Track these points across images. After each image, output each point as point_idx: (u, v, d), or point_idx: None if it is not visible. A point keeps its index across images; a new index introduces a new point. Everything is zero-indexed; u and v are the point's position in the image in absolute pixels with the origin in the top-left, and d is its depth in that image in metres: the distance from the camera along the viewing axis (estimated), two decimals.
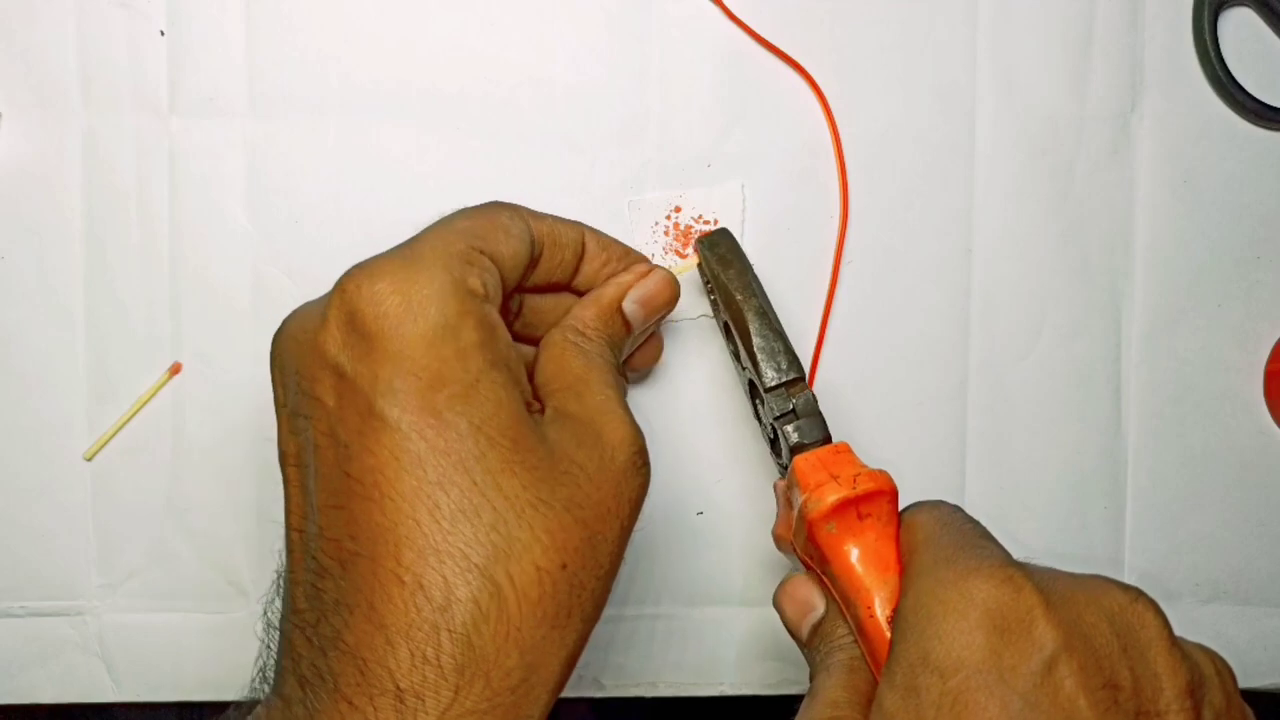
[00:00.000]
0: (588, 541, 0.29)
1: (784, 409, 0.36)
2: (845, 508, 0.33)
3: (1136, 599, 0.28)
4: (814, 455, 0.35)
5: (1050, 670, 0.26)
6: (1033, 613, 0.27)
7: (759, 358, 0.36)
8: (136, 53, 0.41)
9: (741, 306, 0.37)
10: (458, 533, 0.27)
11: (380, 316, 0.29)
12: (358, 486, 0.28)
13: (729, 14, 0.42)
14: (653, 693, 0.43)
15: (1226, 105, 0.43)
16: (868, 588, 0.32)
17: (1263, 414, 0.43)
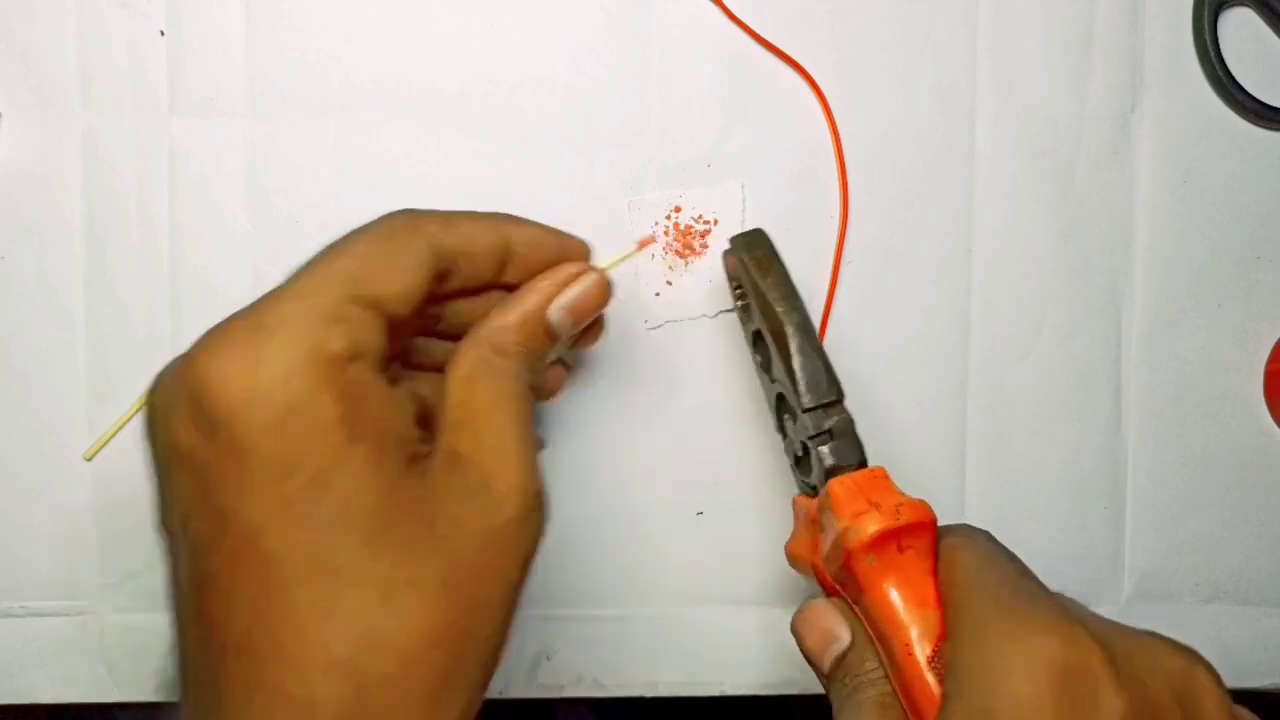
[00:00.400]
0: (467, 613, 0.27)
1: (819, 429, 0.35)
2: (886, 539, 0.31)
3: (1195, 663, 0.28)
4: (851, 480, 0.33)
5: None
6: (1100, 675, 0.26)
7: (799, 376, 0.35)
8: (136, 53, 0.41)
9: (783, 320, 0.35)
10: (318, 629, 0.25)
11: (228, 405, 0.26)
12: (213, 585, 0.26)
13: (729, 14, 0.42)
14: (653, 692, 0.43)
15: (1226, 105, 0.43)
16: (906, 624, 0.31)
17: (1263, 414, 0.43)
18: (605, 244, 0.42)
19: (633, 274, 0.42)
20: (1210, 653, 0.43)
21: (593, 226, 0.42)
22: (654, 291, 0.42)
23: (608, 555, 0.42)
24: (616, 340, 0.42)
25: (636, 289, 0.42)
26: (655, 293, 0.42)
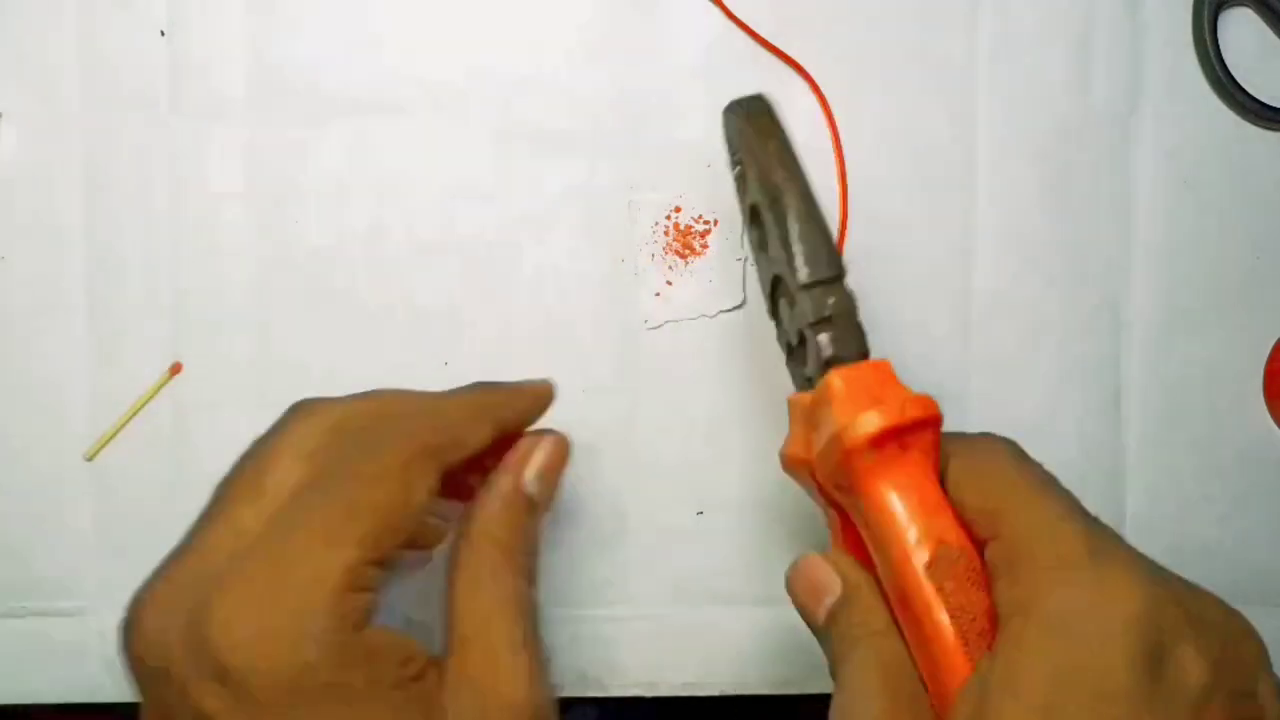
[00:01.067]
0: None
1: (819, 314, 0.31)
2: (888, 437, 0.29)
3: (1249, 630, 0.28)
4: (852, 372, 0.30)
5: (1205, 702, 0.25)
6: (1183, 639, 0.26)
7: (795, 248, 0.31)
8: (136, 53, 0.41)
9: (782, 188, 0.31)
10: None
11: (252, 672, 0.26)
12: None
13: (729, 14, 0.42)
14: (653, 692, 0.43)
15: (1227, 105, 0.43)
16: (905, 530, 0.28)
17: (1263, 414, 0.43)
18: (605, 244, 0.42)
19: (633, 274, 0.42)
20: None
21: (593, 227, 0.42)
22: (654, 291, 0.42)
23: (608, 555, 0.42)
24: (617, 340, 0.42)
25: (636, 289, 0.42)
26: (655, 292, 0.42)
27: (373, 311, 0.42)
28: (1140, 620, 0.26)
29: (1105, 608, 0.26)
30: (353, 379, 0.42)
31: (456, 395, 0.34)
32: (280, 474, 0.30)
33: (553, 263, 0.42)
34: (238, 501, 0.30)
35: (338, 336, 0.42)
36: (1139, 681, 0.25)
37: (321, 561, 0.27)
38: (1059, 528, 0.28)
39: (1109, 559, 0.27)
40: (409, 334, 0.42)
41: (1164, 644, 0.26)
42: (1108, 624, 0.26)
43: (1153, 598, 0.26)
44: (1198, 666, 0.26)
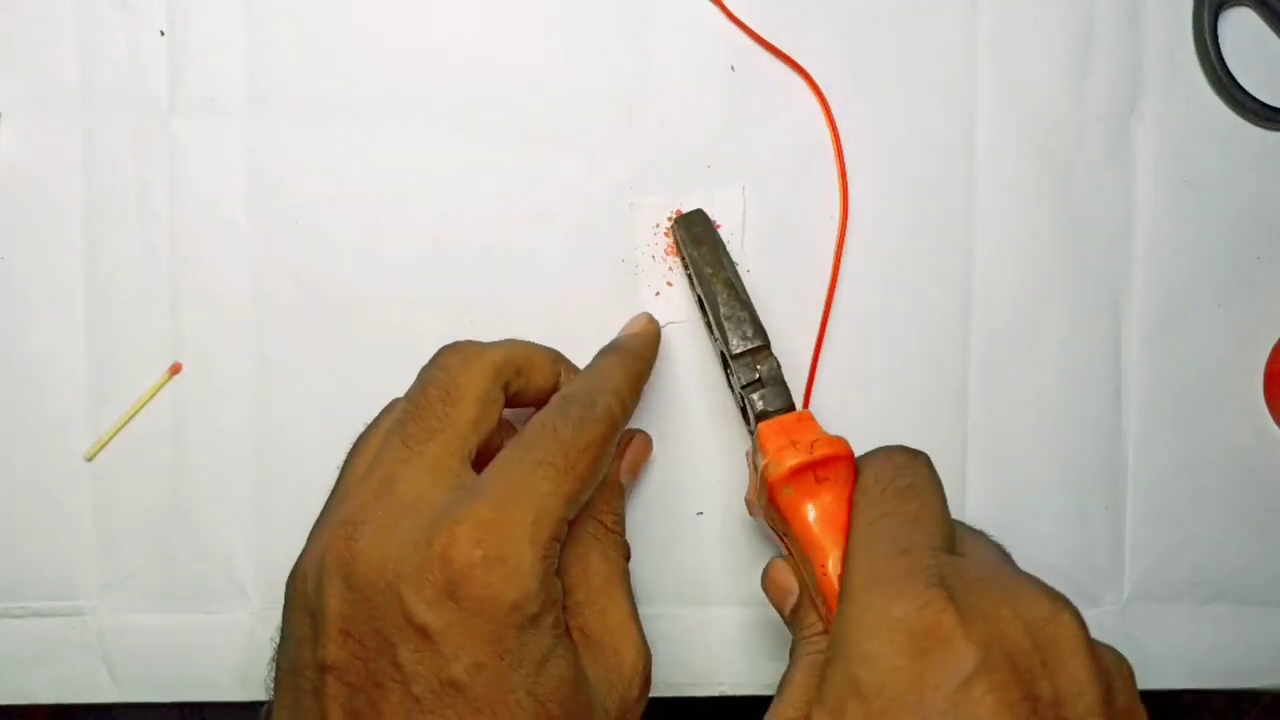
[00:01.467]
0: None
1: (750, 378, 0.38)
2: (803, 472, 0.34)
3: (1060, 610, 0.29)
4: (776, 422, 0.36)
5: (969, 687, 0.27)
6: (952, 632, 0.28)
7: (725, 326, 0.38)
8: (136, 53, 0.41)
9: (710, 279, 0.39)
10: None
11: (477, 588, 0.30)
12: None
13: (729, 14, 0.42)
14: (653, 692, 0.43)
15: (1226, 105, 0.43)
16: (822, 548, 0.33)
17: (1263, 414, 0.43)
18: (606, 244, 0.42)
19: (633, 275, 0.42)
20: (1210, 653, 0.43)
21: (593, 227, 0.42)
22: (654, 291, 0.42)
23: None
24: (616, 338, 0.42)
25: (637, 290, 0.42)
26: (655, 292, 0.42)
27: (372, 311, 0.42)
28: (909, 623, 0.28)
29: (881, 618, 0.29)
30: (352, 378, 0.42)
31: (615, 368, 0.37)
32: (463, 418, 0.34)
33: (553, 263, 0.42)
34: (433, 441, 0.33)
35: (337, 336, 0.42)
36: (909, 676, 0.28)
37: (544, 509, 0.32)
38: (858, 561, 0.31)
39: (893, 571, 0.30)
40: (409, 333, 0.42)
41: (934, 641, 0.28)
42: (884, 631, 0.29)
43: (920, 600, 0.28)
44: (968, 654, 0.27)
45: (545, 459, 0.32)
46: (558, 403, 0.34)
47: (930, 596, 0.28)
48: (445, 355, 0.36)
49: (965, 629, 0.28)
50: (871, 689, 0.28)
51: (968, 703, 0.27)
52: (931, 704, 0.27)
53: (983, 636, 0.28)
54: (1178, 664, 0.43)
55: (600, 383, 0.36)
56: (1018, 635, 0.28)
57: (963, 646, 0.27)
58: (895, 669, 0.28)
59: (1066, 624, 0.29)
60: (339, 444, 0.36)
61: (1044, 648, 0.28)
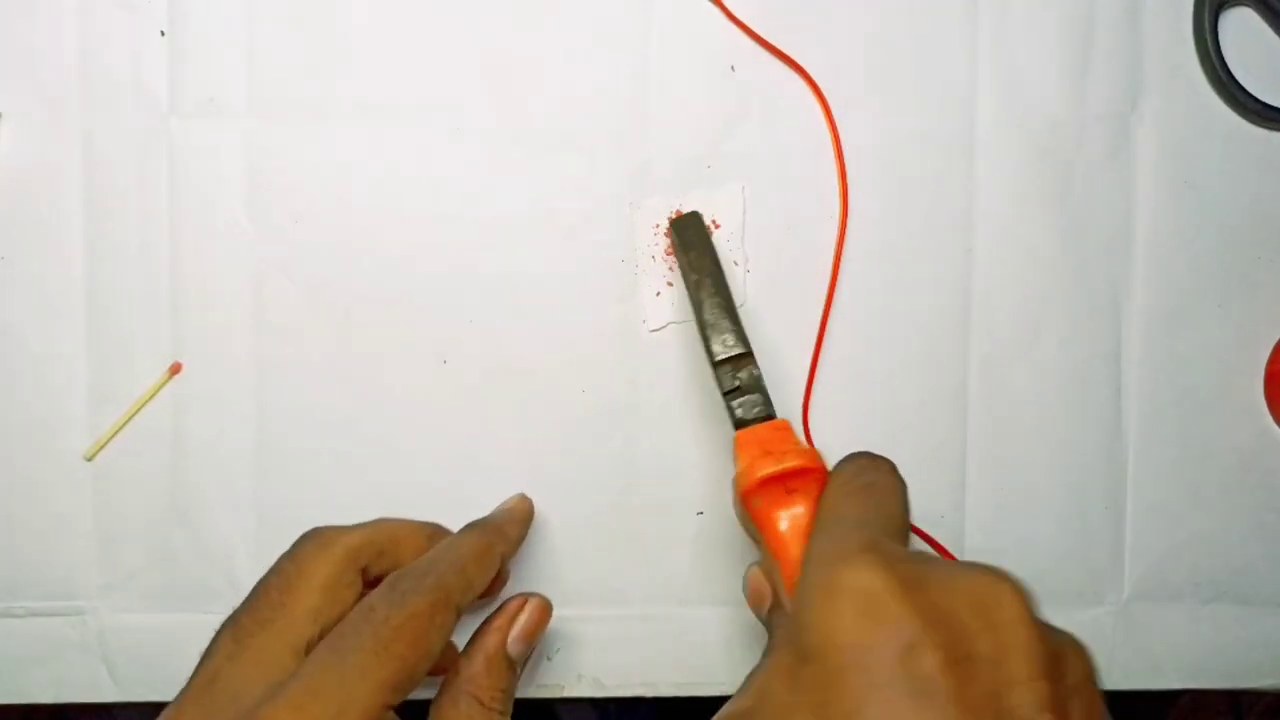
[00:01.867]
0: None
1: (730, 385, 0.38)
2: (773, 482, 0.35)
3: (999, 581, 0.29)
4: (752, 431, 0.37)
5: (914, 650, 0.28)
6: (893, 598, 0.28)
7: (708, 332, 0.38)
8: (137, 53, 0.41)
9: (696, 286, 0.39)
10: None
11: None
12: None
13: (729, 14, 0.42)
14: (653, 692, 0.43)
15: (1227, 105, 0.43)
16: (789, 558, 0.34)
17: (1263, 414, 0.43)
18: (606, 244, 0.42)
19: (633, 275, 0.42)
20: (1210, 653, 0.43)
21: (593, 227, 0.42)
22: (655, 291, 0.42)
23: (608, 555, 0.42)
24: (617, 340, 0.42)
25: (637, 290, 0.42)
26: (656, 292, 0.42)
27: (372, 311, 0.42)
28: (851, 589, 0.29)
29: (826, 586, 0.30)
30: (352, 378, 0.42)
31: (464, 539, 0.37)
32: (300, 607, 0.33)
33: (553, 263, 0.42)
34: (262, 632, 0.33)
35: (337, 336, 0.42)
36: (854, 636, 0.28)
37: (349, 700, 0.30)
38: (814, 541, 0.32)
39: (841, 546, 0.31)
40: (409, 333, 0.42)
41: (874, 606, 0.29)
42: (828, 598, 0.29)
43: (863, 567, 0.29)
44: (909, 617, 0.28)
45: (356, 644, 0.31)
46: (388, 581, 0.33)
47: (872, 564, 0.29)
48: (299, 543, 0.35)
49: (906, 593, 0.28)
50: (819, 652, 0.29)
51: (911, 663, 0.27)
52: (879, 664, 0.28)
53: (922, 602, 0.28)
54: (1178, 664, 0.43)
55: (441, 554, 0.35)
56: (956, 604, 0.29)
57: (905, 611, 0.28)
58: (842, 631, 0.29)
59: (1006, 591, 0.29)
60: (339, 444, 0.36)
61: (982, 615, 0.29)
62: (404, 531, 0.37)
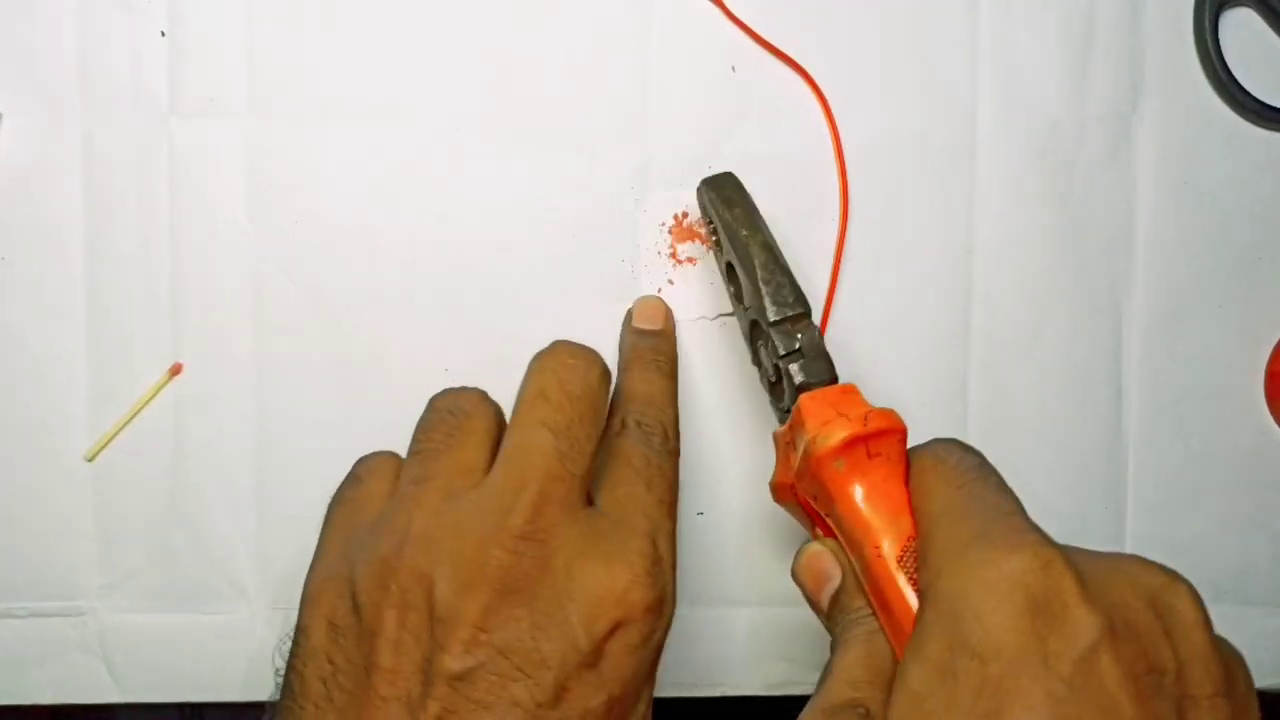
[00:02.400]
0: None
1: (790, 347, 0.35)
2: (854, 445, 0.32)
3: (1175, 580, 0.28)
4: (820, 394, 0.34)
5: (1094, 655, 0.26)
6: (1074, 596, 0.26)
7: (764, 290, 0.36)
8: (137, 53, 0.41)
9: (747, 242, 0.37)
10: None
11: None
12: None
13: (729, 14, 0.42)
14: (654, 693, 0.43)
15: (1227, 105, 0.43)
16: (876, 528, 0.31)
17: (1263, 414, 0.43)
18: (606, 244, 0.42)
19: (631, 275, 0.42)
20: None
21: (593, 227, 0.42)
22: (656, 289, 0.42)
23: None
24: (617, 339, 0.42)
25: (638, 289, 0.42)
26: (657, 289, 0.42)
27: (372, 311, 0.42)
28: (1028, 583, 0.27)
29: (995, 576, 0.27)
30: (352, 379, 0.42)
31: (668, 390, 0.38)
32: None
33: (554, 263, 0.42)
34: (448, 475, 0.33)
35: (337, 337, 0.42)
36: (1030, 638, 0.26)
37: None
38: (956, 520, 0.30)
39: (1005, 531, 0.28)
40: (409, 333, 0.42)
41: (1053, 603, 0.26)
42: (998, 590, 0.27)
43: (1041, 560, 0.27)
44: (1091, 620, 0.26)
45: (666, 498, 0.34)
46: (640, 433, 0.35)
47: (1050, 557, 0.27)
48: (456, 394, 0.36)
49: (1087, 594, 0.26)
50: (988, 648, 0.26)
51: (1093, 671, 0.26)
52: (1055, 671, 0.26)
53: (1104, 604, 0.26)
54: None
55: (669, 414, 0.36)
56: (1136, 604, 0.27)
57: (1085, 613, 0.26)
58: (1015, 629, 0.26)
59: (1184, 594, 0.28)
60: (339, 444, 0.36)
61: (1164, 618, 0.27)
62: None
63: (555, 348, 0.34)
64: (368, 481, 0.35)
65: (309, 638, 0.32)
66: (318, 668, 0.31)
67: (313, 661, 0.31)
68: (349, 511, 0.34)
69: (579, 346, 0.34)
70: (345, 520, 0.34)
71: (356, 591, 0.31)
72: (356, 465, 0.36)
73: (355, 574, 0.31)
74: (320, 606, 0.32)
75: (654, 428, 0.35)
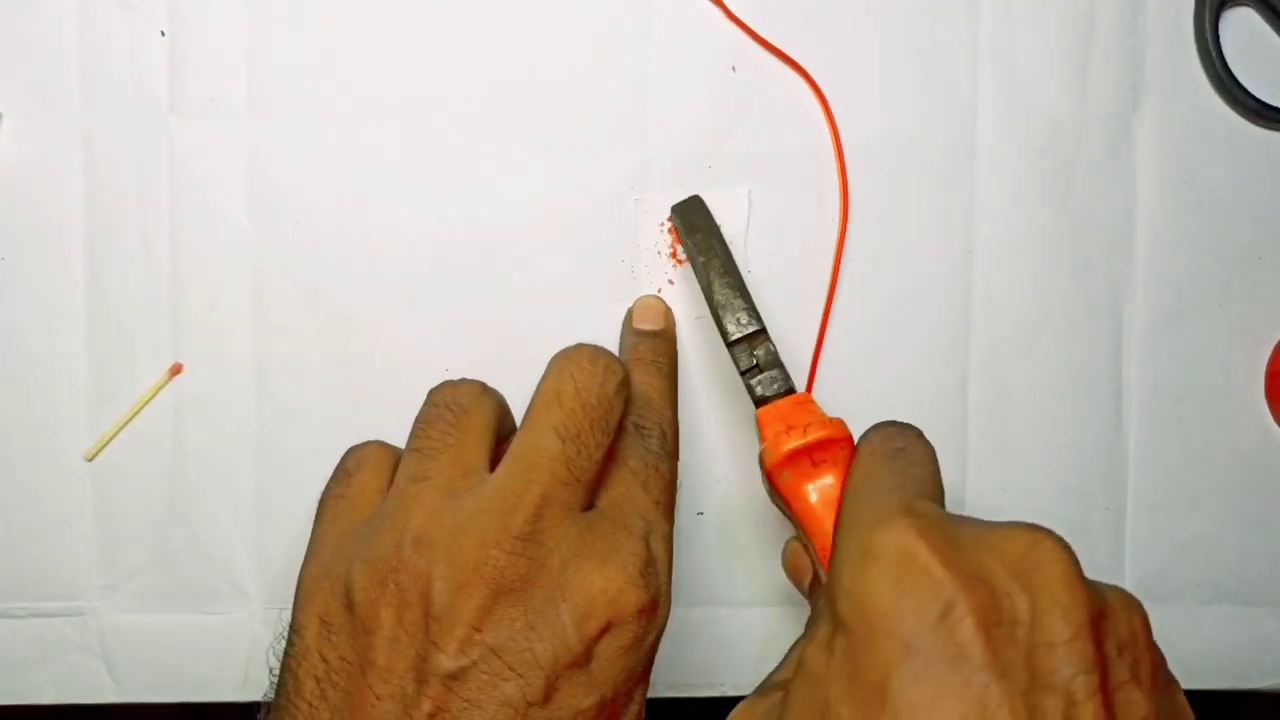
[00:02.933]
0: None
1: (748, 364, 0.37)
2: (798, 456, 0.34)
3: (1041, 539, 0.28)
4: (774, 408, 0.36)
5: (947, 613, 0.27)
6: (930, 560, 0.28)
7: (720, 313, 0.38)
8: (137, 53, 0.41)
9: (704, 267, 0.39)
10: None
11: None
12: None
13: (729, 14, 0.42)
14: (652, 693, 0.42)
15: (1227, 105, 0.43)
16: (819, 530, 0.34)
17: (1263, 414, 0.43)
18: (606, 244, 0.42)
19: (631, 275, 0.42)
20: (1210, 653, 0.43)
21: (593, 227, 0.42)
22: (656, 289, 0.42)
23: None
24: (617, 340, 0.42)
25: (637, 290, 0.42)
26: (657, 289, 0.42)
27: (372, 311, 0.42)
28: (887, 551, 0.28)
29: (862, 550, 0.29)
30: (352, 379, 0.42)
31: (666, 392, 0.39)
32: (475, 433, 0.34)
33: (554, 263, 0.42)
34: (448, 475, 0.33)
35: (337, 337, 0.42)
36: (890, 602, 0.27)
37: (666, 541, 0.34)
38: (850, 507, 0.32)
39: (877, 510, 0.30)
40: (409, 333, 0.42)
41: (911, 567, 0.28)
42: (865, 560, 0.29)
43: (898, 530, 0.28)
44: (945, 580, 0.27)
45: (663, 500, 0.34)
46: (638, 435, 0.35)
47: (908, 526, 0.28)
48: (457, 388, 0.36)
49: (943, 556, 0.28)
50: (854, 618, 0.28)
51: (946, 626, 0.27)
52: (912, 629, 0.27)
53: (960, 563, 0.27)
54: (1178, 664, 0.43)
55: (667, 415, 0.37)
56: (995, 565, 0.28)
57: (941, 574, 0.27)
58: (875, 596, 0.28)
59: (1049, 549, 0.28)
60: (339, 444, 0.36)
61: (1023, 575, 0.28)
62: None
63: (577, 351, 0.34)
64: (358, 476, 0.35)
65: (302, 636, 0.32)
66: (311, 666, 0.31)
67: (306, 660, 0.31)
68: (342, 508, 0.34)
69: (600, 353, 0.34)
70: (338, 516, 0.34)
71: (352, 589, 0.31)
72: (345, 458, 0.36)
73: (351, 572, 0.31)
74: (314, 604, 0.32)
75: (652, 429, 0.36)
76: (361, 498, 0.34)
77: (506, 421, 0.36)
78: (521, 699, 0.29)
